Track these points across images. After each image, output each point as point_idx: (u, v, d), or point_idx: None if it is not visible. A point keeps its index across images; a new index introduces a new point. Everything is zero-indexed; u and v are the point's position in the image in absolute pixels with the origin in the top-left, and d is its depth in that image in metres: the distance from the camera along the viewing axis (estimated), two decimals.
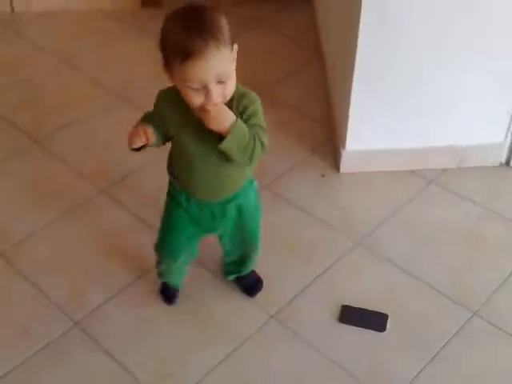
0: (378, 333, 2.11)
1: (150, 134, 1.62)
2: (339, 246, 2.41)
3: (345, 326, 2.13)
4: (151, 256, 2.09)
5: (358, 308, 2.17)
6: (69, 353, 2.03)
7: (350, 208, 2.59)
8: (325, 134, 2.91)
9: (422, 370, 2.00)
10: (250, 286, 2.21)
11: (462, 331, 2.11)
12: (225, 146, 1.56)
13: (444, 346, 2.07)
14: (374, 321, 2.13)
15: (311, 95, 3.13)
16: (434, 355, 2.04)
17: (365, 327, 2.12)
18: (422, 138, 2.67)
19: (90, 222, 2.47)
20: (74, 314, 2.15)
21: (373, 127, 2.62)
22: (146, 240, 2.20)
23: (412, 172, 2.72)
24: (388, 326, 2.12)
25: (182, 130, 1.66)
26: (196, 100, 1.52)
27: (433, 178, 2.70)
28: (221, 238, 2.03)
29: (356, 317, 2.15)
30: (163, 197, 1.95)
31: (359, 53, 2.40)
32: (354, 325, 2.13)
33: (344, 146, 2.68)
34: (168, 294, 2.16)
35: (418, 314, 2.17)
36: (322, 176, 2.72)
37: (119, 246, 2.38)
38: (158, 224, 2.01)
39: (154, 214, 2.07)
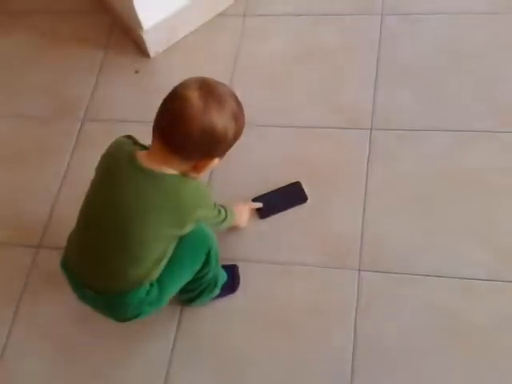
0: (304, 205, 1.90)
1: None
2: None
3: (269, 219, 1.90)
4: None
5: (268, 193, 1.93)
6: None
7: None
8: (103, 25, 2.42)
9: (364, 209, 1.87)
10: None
11: (373, 151, 1.96)
12: None
13: (368, 177, 1.92)
14: (291, 196, 1.91)
15: None
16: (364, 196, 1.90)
17: (288, 208, 1.90)
18: None
19: None
20: None
21: None
22: None
23: (222, 15, 2.37)
24: (307, 192, 1.91)
25: None
26: None
27: (243, 10, 2.37)
28: None
29: (272, 204, 1.91)
30: None
31: None
32: (276, 213, 1.90)
33: (141, 27, 2.24)
34: (235, 281, 1.82)
35: (323, 162, 1.97)
36: (136, 72, 2.30)
37: None
38: None
39: None
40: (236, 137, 1.46)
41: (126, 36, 2.36)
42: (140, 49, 2.32)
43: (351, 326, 1.69)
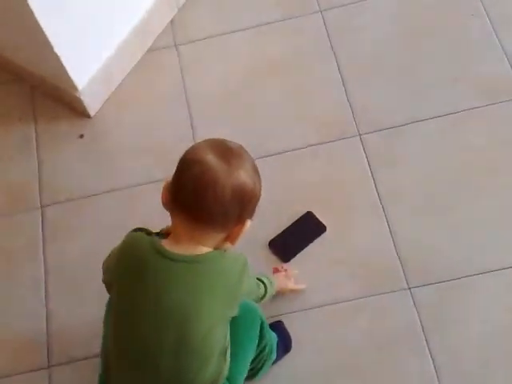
0: (324, 236, 1.78)
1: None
2: None
3: (293, 260, 1.76)
4: None
5: (282, 233, 1.79)
6: None
7: (150, 132, 2.04)
8: (21, 94, 2.12)
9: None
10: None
11: (371, 158, 1.87)
12: None
13: (377, 186, 1.83)
14: (308, 230, 1.79)
15: None
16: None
17: (309, 243, 1.77)
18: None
19: None
20: None
21: (84, 45, 1.93)
22: None
23: (152, 50, 2.16)
24: (322, 220, 1.79)
25: None
26: None
27: (173, 40, 2.18)
28: None
29: (291, 243, 1.77)
30: None
31: None
32: (298, 252, 1.77)
33: (75, 87, 1.98)
34: (286, 340, 1.67)
35: (325, 183, 1.85)
36: (81, 137, 2.05)
37: None
38: None
39: None
40: (261, 189, 1.32)
41: (53, 100, 2.08)
42: (76, 110, 2.06)
43: (425, 349, 1.61)
